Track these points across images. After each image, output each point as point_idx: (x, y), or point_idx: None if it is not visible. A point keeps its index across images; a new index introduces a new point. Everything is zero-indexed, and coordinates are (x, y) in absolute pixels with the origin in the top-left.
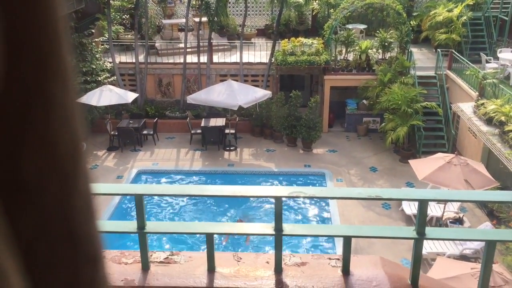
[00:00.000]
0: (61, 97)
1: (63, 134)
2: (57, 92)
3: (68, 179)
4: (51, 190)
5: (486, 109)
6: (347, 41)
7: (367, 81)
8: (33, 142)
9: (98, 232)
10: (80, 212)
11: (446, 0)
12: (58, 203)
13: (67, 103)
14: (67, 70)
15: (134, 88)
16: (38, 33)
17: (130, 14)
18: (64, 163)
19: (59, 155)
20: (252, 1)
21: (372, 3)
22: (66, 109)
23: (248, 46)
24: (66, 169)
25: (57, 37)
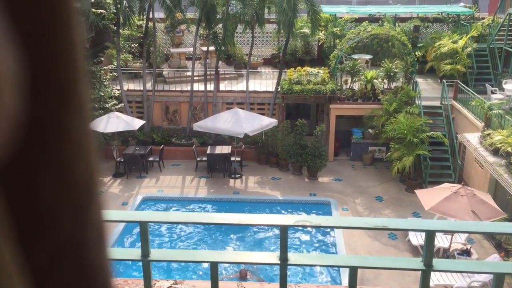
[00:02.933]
0: (78, 130)
1: (78, 166)
2: (74, 125)
3: (82, 209)
4: (65, 221)
5: (493, 139)
6: (352, 71)
7: (372, 110)
8: (49, 173)
9: (109, 262)
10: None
11: (451, 31)
12: (71, 233)
13: (84, 136)
14: (85, 103)
15: (141, 115)
16: (60, 70)
17: (139, 43)
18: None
19: (74, 186)
20: (259, 31)
21: (378, 34)
22: (82, 141)
23: (255, 75)
24: (80, 199)
25: (77, 72)
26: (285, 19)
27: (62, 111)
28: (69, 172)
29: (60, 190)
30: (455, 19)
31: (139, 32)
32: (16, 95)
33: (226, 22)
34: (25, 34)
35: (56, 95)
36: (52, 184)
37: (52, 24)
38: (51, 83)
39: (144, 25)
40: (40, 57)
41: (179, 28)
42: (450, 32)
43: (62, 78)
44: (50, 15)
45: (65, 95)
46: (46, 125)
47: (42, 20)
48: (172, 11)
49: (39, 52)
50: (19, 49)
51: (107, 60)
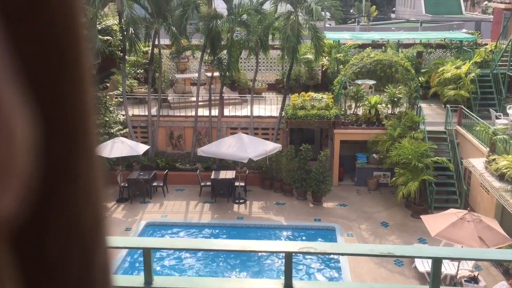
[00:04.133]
0: (87, 175)
1: (86, 211)
2: (83, 168)
3: (89, 253)
4: (73, 264)
5: (498, 165)
6: (356, 96)
7: (376, 135)
8: (57, 219)
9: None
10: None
11: (454, 57)
12: (78, 276)
13: (92, 180)
14: (94, 145)
15: (146, 140)
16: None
17: (145, 69)
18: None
19: (82, 231)
20: (263, 57)
21: (381, 60)
22: (91, 186)
23: (259, 100)
24: (88, 243)
25: (88, 119)
26: (289, 45)
27: (72, 158)
28: (77, 217)
29: (68, 235)
30: (458, 45)
31: (145, 58)
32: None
33: (230, 48)
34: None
35: (67, 143)
36: (60, 229)
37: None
38: (63, 133)
39: (150, 52)
40: (53, 110)
41: (184, 54)
42: (453, 58)
43: (73, 127)
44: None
45: (75, 143)
46: (56, 173)
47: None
48: (177, 38)
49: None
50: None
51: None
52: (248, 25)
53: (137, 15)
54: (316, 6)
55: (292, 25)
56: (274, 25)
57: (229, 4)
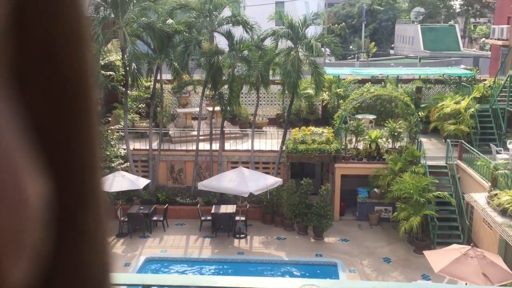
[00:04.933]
0: (94, 225)
1: (92, 263)
2: (91, 221)
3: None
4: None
5: (500, 200)
6: (357, 131)
7: (377, 169)
8: (63, 271)
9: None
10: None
11: (453, 93)
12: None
13: (99, 232)
14: (100, 196)
15: (147, 174)
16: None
17: (146, 103)
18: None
19: (87, 283)
20: (264, 92)
21: (381, 95)
22: (97, 238)
23: (260, 134)
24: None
25: (96, 173)
26: (289, 81)
27: (80, 212)
28: (82, 269)
29: (74, 283)
30: (456, 80)
31: (147, 93)
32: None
33: (232, 83)
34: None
35: (76, 198)
36: (65, 281)
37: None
38: (72, 188)
39: (152, 86)
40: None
41: (185, 89)
42: (452, 93)
43: (82, 180)
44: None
45: (84, 197)
46: (65, 230)
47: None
48: (179, 73)
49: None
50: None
51: (115, 120)
52: (249, 61)
53: (139, 50)
54: (316, 42)
55: (293, 60)
56: (274, 61)
57: (230, 40)
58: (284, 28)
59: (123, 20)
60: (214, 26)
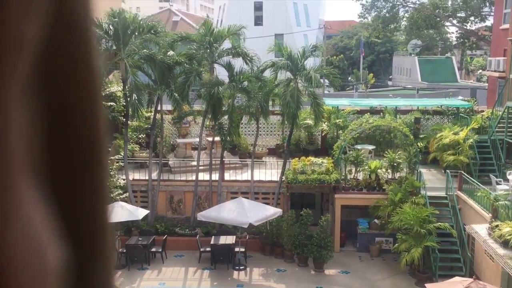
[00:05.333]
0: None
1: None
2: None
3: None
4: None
5: (501, 231)
6: (356, 161)
7: (377, 200)
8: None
9: None
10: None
11: (451, 123)
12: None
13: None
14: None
15: (146, 204)
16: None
17: (147, 134)
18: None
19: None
20: (263, 122)
21: (380, 125)
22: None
23: (259, 165)
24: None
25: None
26: (289, 111)
27: (91, 267)
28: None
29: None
30: (454, 111)
31: (147, 123)
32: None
33: (231, 113)
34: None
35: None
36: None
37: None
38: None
39: (152, 117)
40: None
41: (186, 120)
42: (450, 124)
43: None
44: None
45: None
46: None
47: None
48: (179, 104)
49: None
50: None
51: (114, 150)
52: (249, 92)
53: (140, 81)
54: (315, 74)
55: (292, 91)
56: (274, 92)
57: (230, 71)
58: (284, 60)
59: (124, 52)
60: (214, 57)
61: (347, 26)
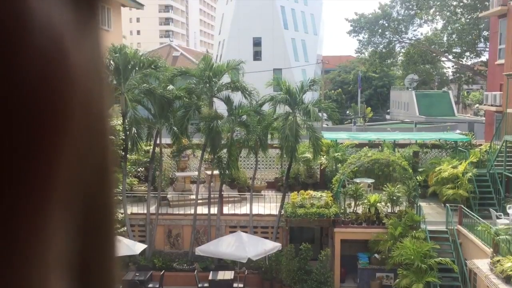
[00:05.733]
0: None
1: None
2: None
3: None
4: None
5: (503, 266)
6: (355, 195)
7: (377, 234)
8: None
9: None
10: None
11: (450, 157)
12: None
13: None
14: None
15: (143, 238)
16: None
17: (145, 167)
18: None
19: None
20: (262, 156)
21: (378, 159)
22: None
23: (258, 198)
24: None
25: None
26: (287, 145)
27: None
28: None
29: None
30: (453, 145)
31: (146, 157)
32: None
33: (230, 147)
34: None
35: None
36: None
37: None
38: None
39: (151, 151)
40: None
41: (184, 153)
42: (449, 157)
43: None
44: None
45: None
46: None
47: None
48: (178, 138)
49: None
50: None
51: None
52: (248, 125)
53: (140, 115)
54: (313, 107)
55: (291, 125)
56: (273, 125)
57: (229, 105)
58: (282, 94)
59: (125, 86)
60: (213, 92)
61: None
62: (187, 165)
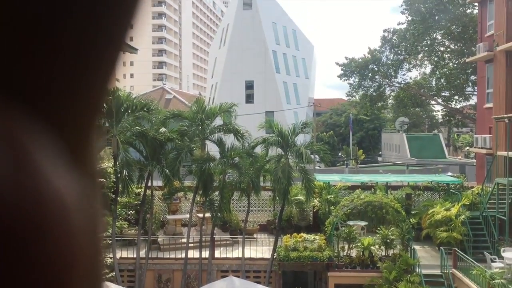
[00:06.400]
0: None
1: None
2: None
3: None
4: None
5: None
6: (349, 238)
7: (372, 278)
8: None
9: None
10: None
11: (443, 199)
12: None
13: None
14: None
15: (132, 284)
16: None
17: (136, 210)
18: None
19: None
20: (254, 198)
21: (371, 201)
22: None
23: (250, 241)
24: None
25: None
26: (280, 187)
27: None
28: None
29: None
30: (445, 187)
31: (137, 200)
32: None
33: (222, 189)
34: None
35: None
36: None
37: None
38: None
39: (142, 193)
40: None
41: (176, 196)
42: (442, 200)
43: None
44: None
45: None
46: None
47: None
48: (170, 180)
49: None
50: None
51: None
52: (240, 168)
53: (131, 158)
54: (305, 150)
55: (283, 167)
56: (265, 167)
57: (221, 147)
58: (274, 136)
59: (117, 129)
60: (206, 134)
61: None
62: (179, 208)
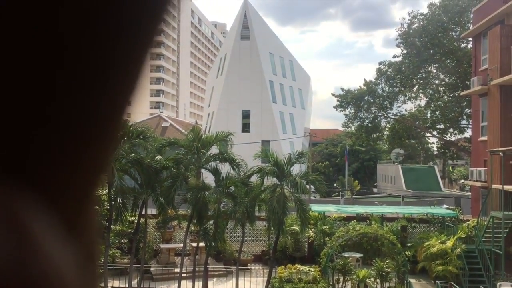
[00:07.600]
0: None
1: None
2: None
3: None
4: None
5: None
6: (344, 269)
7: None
8: None
9: None
10: None
11: (438, 232)
12: None
13: None
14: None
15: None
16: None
17: (129, 239)
18: None
19: None
20: (249, 228)
21: (366, 233)
22: None
23: (245, 272)
24: None
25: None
26: (275, 217)
27: None
28: None
29: None
30: (440, 220)
31: (130, 228)
32: None
33: (217, 218)
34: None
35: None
36: None
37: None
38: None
39: (136, 221)
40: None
41: (170, 224)
42: (437, 232)
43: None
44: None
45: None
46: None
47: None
48: (164, 208)
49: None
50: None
51: None
52: (235, 197)
53: (126, 185)
54: (301, 180)
55: (278, 197)
56: (260, 197)
57: (217, 176)
58: (270, 166)
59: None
60: (201, 162)
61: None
62: (172, 237)
